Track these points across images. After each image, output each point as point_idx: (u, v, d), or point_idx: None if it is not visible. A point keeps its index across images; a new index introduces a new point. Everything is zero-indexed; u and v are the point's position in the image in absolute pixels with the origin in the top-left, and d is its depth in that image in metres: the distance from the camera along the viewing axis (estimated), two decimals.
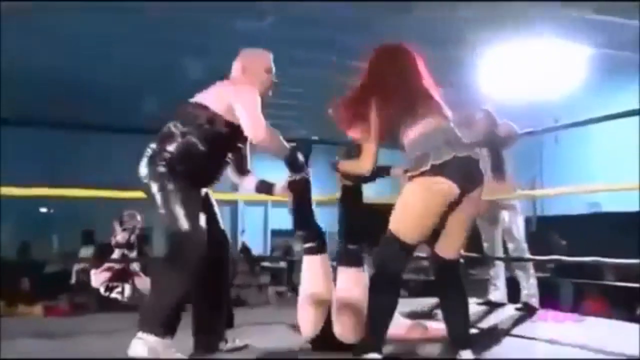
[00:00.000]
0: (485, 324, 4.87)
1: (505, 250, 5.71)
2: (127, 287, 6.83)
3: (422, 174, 3.05)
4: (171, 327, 3.28)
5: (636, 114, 4.80)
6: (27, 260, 10.97)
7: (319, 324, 3.69)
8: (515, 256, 5.59)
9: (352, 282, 3.67)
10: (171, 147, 3.38)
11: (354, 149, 3.55)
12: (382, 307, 3.12)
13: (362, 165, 3.39)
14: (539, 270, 6.30)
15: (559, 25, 8.60)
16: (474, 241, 5.61)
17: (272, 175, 3.88)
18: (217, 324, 3.65)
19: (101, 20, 8.29)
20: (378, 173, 3.71)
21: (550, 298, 6.73)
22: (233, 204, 17.02)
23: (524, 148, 7.47)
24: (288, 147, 3.59)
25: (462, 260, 3.52)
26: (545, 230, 10.97)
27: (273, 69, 3.74)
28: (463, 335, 3.27)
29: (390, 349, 3.54)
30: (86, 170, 11.77)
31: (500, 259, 5.76)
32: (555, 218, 11.98)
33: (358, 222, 3.88)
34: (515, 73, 9.97)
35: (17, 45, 8.92)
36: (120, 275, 6.87)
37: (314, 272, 3.76)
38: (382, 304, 3.12)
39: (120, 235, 7.01)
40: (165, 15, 8.07)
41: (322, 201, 4.39)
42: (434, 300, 4.91)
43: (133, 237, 7.05)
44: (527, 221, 6.41)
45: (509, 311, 5.39)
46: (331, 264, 3.84)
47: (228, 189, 7.43)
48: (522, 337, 4.37)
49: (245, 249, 14.34)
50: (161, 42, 9.35)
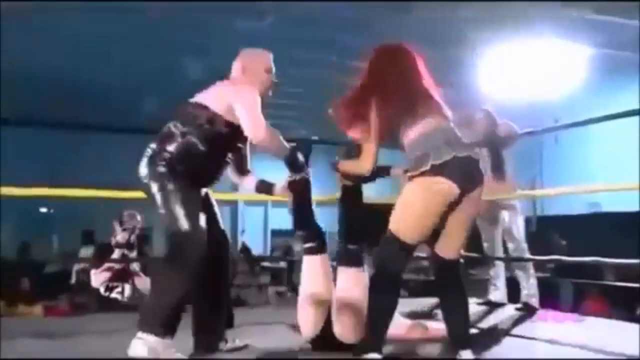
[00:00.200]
0: (485, 324, 4.86)
1: (505, 250, 5.71)
2: (127, 287, 6.83)
3: (422, 174, 3.04)
4: (171, 327, 3.28)
5: (636, 114, 4.80)
6: (27, 260, 10.97)
7: (319, 324, 3.68)
8: (515, 256, 5.59)
9: (352, 282, 3.67)
10: (171, 147, 3.37)
11: (354, 149, 3.54)
12: (382, 307, 3.12)
13: (362, 166, 3.39)
14: (539, 270, 6.30)
15: (559, 25, 8.59)
16: (474, 241, 5.61)
17: (272, 175, 3.88)
18: (217, 324, 3.65)
19: (101, 20, 8.28)
20: (378, 173, 3.71)
21: (550, 298, 6.73)
22: (233, 204, 17.02)
23: (524, 148, 7.47)
24: (288, 147, 3.59)
25: (462, 260, 3.51)
26: (546, 230, 10.96)
27: (273, 68, 3.74)
28: (463, 335, 3.26)
29: (390, 349, 3.54)
30: (86, 170, 11.77)
31: (500, 259, 5.75)
32: (555, 218, 11.98)
33: (358, 222, 3.88)
34: (515, 73, 9.97)
35: (17, 45, 8.91)
36: (120, 275, 6.87)
37: (314, 272, 3.75)
38: (382, 304, 3.12)
39: (120, 236, 7.02)
40: (165, 15, 8.06)
41: (322, 201, 4.39)
42: (434, 300, 4.91)
43: (133, 237, 7.06)
44: (527, 221, 6.41)
45: (509, 311, 5.38)
46: (331, 264, 3.84)
47: (228, 189, 7.43)
48: (522, 337, 4.37)
49: (245, 249, 14.34)
50: (161, 42, 9.35)
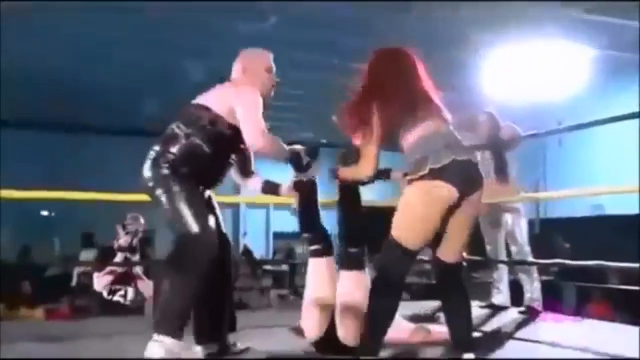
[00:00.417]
0: (489, 327, 4.85)
1: (509, 253, 5.69)
2: (130, 291, 6.83)
3: (422, 177, 3.02)
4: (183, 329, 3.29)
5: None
6: (28, 264, 10.97)
7: (323, 327, 3.67)
8: (519, 259, 5.57)
9: (354, 285, 3.65)
10: (175, 149, 3.36)
11: (352, 154, 3.53)
12: (383, 311, 3.10)
13: (363, 171, 3.38)
14: (542, 273, 6.27)
15: (561, 27, 8.57)
16: (477, 244, 5.60)
17: (276, 176, 3.87)
18: (220, 328, 3.63)
19: (101, 21, 8.25)
20: (378, 176, 3.68)
21: (553, 301, 6.71)
22: (235, 207, 17.02)
23: (528, 150, 7.44)
24: (287, 150, 3.59)
25: (465, 263, 3.48)
26: (549, 233, 10.94)
27: (274, 68, 3.73)
28: (466, 338, 3.24)
29: (393, 352, 3.52)
30: (87, 173, 11.80)
31: (503, 262, 5.73)
32: (559, 221, 11.95)
33: (358, 225, 3.85)
34: (519, 75, 9.95)
35: (17, 47, 8.89)
36: (123, 279, 6.87)
37: (320, 275, 3.75)
38: (383, 308, 3.10)
39: (123, 239, 7.01)
40: (165, 15, 8.04)
41: (327, 204, 4.37)
42: (437, 303, 4.88)
43: (136, 241, 7.05)
44: (531, 224, 6.39)
45: (512, 315, 5.36)
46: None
47: (230, 192, 7.42)
48: (526, 340, 4.35)
49: (248, 252, 14.32)
50: (161, 44, 9.34)
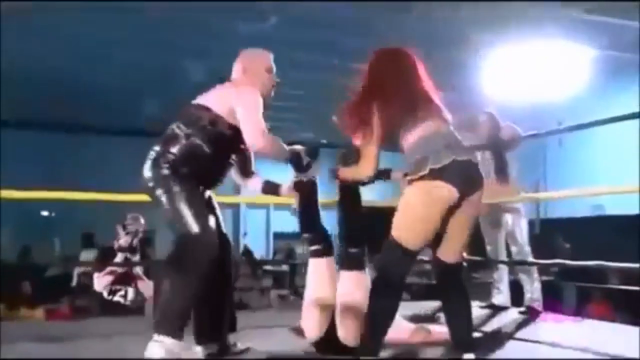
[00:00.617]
0: (489, 327, 4.85)
1: (509, 253, 5.69)
2: (130, 291, 6.83)
3: (422, 178, 3.02)
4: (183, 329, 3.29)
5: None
6: (29, 264, 10.97)
7: (323, 327, 3.67)
8: (519, 259, 5.57)
9: (354, 285, 3.65)
10: (175, 149, 3.36)
11: (352, 154, 3.53)
12: (383, 311, 3.11)
13: (363, 171, 3.38)
14: (542, 273, 6.27)
15: (561, 27, 8.57)
16: (477, 244, 5.60)
17: (276, 176, 3.87)
18: (220, 328, 3.63)
19: (101, 22, 8.24)
20: (378, 176, 3.67)
21: (553, 301, 6.70)
22: (235, 207, 17.01)
23: (528, 150, 7.44)
24: (287, 150, 3.59)
25: (465, 263, 3.48)
26: (549, 233, 10.93)
27: (274, 68, 3.73)
28: (466, 338, 3.24)
29: (393, 352, 3.51)
30: (87, 173, 11.80)
31: (503, 262, 5.73)
32: (559, 221, 11.94)
33: (358, 225, 3.84)
34: (519, 75, 9.95)
35: (17, 47, 8.89)
36: (123, 279, 6.87)
37: (320, 275, 3.74)
38: (383, 309, 3.10)
39: (123, 240, 7.01)
40: (165, 15, 8.03)
41: (327, 204, 4.38)
42: (437, 303, 4.88)
43: (136, 241, 7.05)
44: (531, 224, 6.38)
45: (512, 315, 5.36)
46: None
47: (230, 192, 7.42)
48: (526, 340, 4.35)
49: (248, 252, 14.31)
50: (161, 44, 9.33)
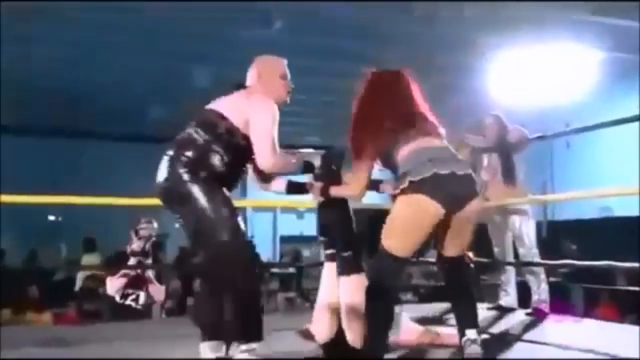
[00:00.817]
0: (496, 328, 4.85)
1: (516, 255, 5.68)
2: (142, 295, 6.85)
3: (403, 191, 3.09)
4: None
5: None
6: (36, 268, 10.98)
7: (333, 329, 3.71)
8: (526, 261, 5.56)
9: (354, 289, 3.65)
10: (192, 153, 3.36)
11: (337, 156, 3.61)
12: (380, 314, 3.18)
13: (353, 191, 3.53)
14: (550, 275, 6.25)
15: (568, 30, 8.56)
16: (485, 246, 5.60)
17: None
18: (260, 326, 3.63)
19: (101, 22, 8.24)
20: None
21: (561, 303, 6.68)
22: (241, 210, 17.02)
23: (535, 153, 7.43)
24: (298, 163, 3.67)
25: (472, 265, 3.50)
26: (557, 235, 10.91)
27: (288, 74, 3.74)
28: (470, 315, 3.27)
29: (401, 354, 3.51)
30: (99, 178, 11.83)
31: (510, 264, 5.73)
32: (566, 223, 11.91)
33: (348, 228, 3.85)
34: (526, 78, 9.94)
35: (17, 51, 8.91)
36: (135, 282, 6.88)
37: (333, 279, 3.78)
38: (380, 311, 3.18)
39: (135, 244, 7.02)
40: (165, 15, 8.01)
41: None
42: (445, 305, 4.89)
43: (148, 245, 7.06)
44: (538, 226, 6.37)
45: (520, 316, 5.36)
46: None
47: (236, 195, 7.42)
48: (533, 341, 4.36)
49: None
50: (162, 51, 9.33)
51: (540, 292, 5.43)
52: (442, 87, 8.86)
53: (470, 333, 3.16)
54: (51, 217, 14.83)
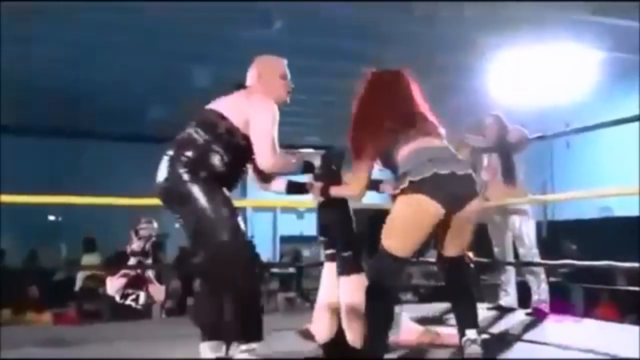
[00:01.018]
0: (496, 328, 4.85)
1: (516, 255, 5.68)
2: (142, 295, 6.84)
3: (403, 191, 3.09)
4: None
5: None
6: (36, 268, 10.98)
7: (334, 329, 3.72)
8: (526, 261, 5.56)
9: (354, 289, 3.65)
10: (192, 153, 3.36)
11: (337, 155, 3.61)
12: (380, 314, 3.18)
13: (353, 192, 3.54)
14: (550, 275, 6.26)
15: (568, 30, 8.56)
16: (485, 246, 5.60)
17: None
18: (261, 326, 3.64)
19: (101, 23, 8.23)
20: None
21: (561, 303, 6.67)
22: (241, 210, 17.01)
23: (535, 153, 7.43)
24: (298, 163, 3.67)
25: (472, 265, 3.50)
26: (557, 235, 10.90)
27: (288, 74, 3.75)
28: (470, 315, 3.27)
29: (400, 354, 3.51)
30: (99, 178, 11.82)
31: (510, 264, 5.73)
32: (566, 222, 11.91)
33: (348, 228, 3.86)
34: (526, 78, 9.93)
35: (17, 52, 8.90)
36: (135, 282, 6.87)
37: (333, 279, 3.78)
38: (380, 311, 3.18)
39: (135, 244, 7.01)
40: (165, 15, 8.01)
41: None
42: (445, 305, 4.89)
43: (148, 245, 7.05)
44: (538, 226, 6.36)
45: (519, 316, 5.36)
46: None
47: (235, 195, 7.42)
48: (533, 341, 4.36)
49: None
50: (162, 51, 9.32)
51: (540, 292, 5.43)
52: (442, 87, 8.87)
53: (470, 333, 3.17)
54: (51, 217, 14.83)
